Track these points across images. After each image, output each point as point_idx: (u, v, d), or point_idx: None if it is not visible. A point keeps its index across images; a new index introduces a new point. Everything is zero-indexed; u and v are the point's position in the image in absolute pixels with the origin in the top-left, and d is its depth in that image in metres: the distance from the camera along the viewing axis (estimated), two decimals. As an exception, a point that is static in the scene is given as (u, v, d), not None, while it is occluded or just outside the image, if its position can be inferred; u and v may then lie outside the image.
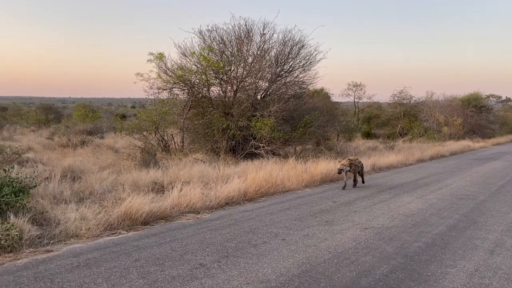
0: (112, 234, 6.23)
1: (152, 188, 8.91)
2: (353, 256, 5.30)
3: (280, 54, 16.65)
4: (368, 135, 33.61)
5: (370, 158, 15.94)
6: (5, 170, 6.26)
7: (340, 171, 10.58)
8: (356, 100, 39.14)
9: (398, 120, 35.38)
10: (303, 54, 16.96)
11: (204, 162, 12.89)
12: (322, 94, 28.21)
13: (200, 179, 9.88)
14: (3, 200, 5.70)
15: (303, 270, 4.79)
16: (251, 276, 4.59)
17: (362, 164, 11.45)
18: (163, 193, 8.43)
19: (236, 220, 7.18)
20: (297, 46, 16.76)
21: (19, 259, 5.02)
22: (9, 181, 6.08)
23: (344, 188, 10.59)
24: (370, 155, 17.35)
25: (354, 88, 38.55)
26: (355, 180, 11.00)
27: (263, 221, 7.16)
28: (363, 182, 11.36)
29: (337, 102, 30.57)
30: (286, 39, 16.61)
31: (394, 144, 23.35)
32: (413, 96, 36.30)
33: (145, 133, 16.44)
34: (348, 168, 10.58)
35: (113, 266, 4.84)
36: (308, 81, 17.68)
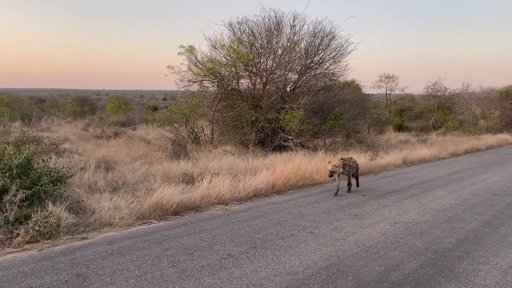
0: (144, 223, 6.42)
1: (183, 179, 9.08)
2: (382, 251, 5.25)
3: (310, 46, 16.51)
4: (400, 128, 32.86)
5: (402, 151, 15.61)
6: (43, 160, 6.53)
7: (331, 174, 8.72)
8: (388, 92, 38.37)
9: (432, 113, 34.38)
10: (333, 45, 16.75)
11: (233, 154, 13.00)
12: (353, 86, 27.76)
13: (229, 171, 9.98)
14: (42, 189, 5.96)
15: (331, 263, 4.80)
16: (279, 267, 4.64)
17: (357, 164, 9.85)
18: (193, 184, 8.59)
19: (264, 212, 7.24)
20: (328, 38, 16.57)
21: (57, 245, 5.27)
22: (47, 170, 6.34)
23: (336, 194, 8.85)
24: (401, 149, 17.00)
25: (386, 80, 37.78)
26: (349, 184, 9.30)
27: (291, 213, 7.19)
28: (357, 185, 9.71)
29: (369, 94, 29.98)
30: (317, 30, 16.45)
31: (427, 138, 22.74)
32: (448, 88, 35.14)
33: (176, 125, 16.71)
34: (342, 170, 8.88)
35: (145, 254, 5.00)
36: (338, 73, 17.47)
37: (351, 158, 9.66)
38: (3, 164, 5.91)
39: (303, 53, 16.46)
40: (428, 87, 35.26)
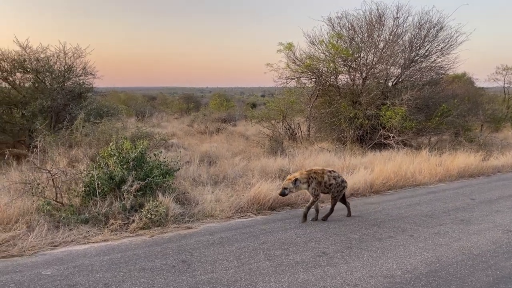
0: (242, 216, 6.73)
1: (279, 175, 9.26)
2: (491, 260, 4.83)
3: (415, 38, 15.58)
4: (520, 125, 29.32)
5: (521, 151, 14.00)
6: (155, 155, 7.17)
7: (283, 192, 6.35)
8: (506, 86, 34.42)
9: (563, 108, 30.06)
10: (441, 36, 15.59)
11: (329, 151, 12.87)
12: (463, 80, 25.50)
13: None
14: (154, 181, 6.57)
15: (432, 269, 4.56)
16: (375, 269, 4.54)
17: (342, 181, 6.69)
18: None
19: (361, 212, 7.09)
20: (435, 29, 15.47)
21: (165, 232, 5.79)
22: (158, 164, 6.96)
23: (315, 218, 6.53)
24: (520, 148, 15.25)
25: (504, 72, 33.89)
26: (316, 210, 6.60)
27: (390, 215, 6.93)
28: (328, 213, 6.62)
29: (482, 88, 27.29)
30: (422, 21, 15.45)
31: (555, 136, 20.02)
32: None
33: (273, 121, 17.05)
34: (305, 186, 6.37)
35: (243, 246, 5.25)
36: (446, 66, 16.24)
37: (331, 171, 6.73)
38: (121, 157, 6.63)
39: (406, 46, 15.61)
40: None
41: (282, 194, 6.40)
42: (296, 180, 6.28)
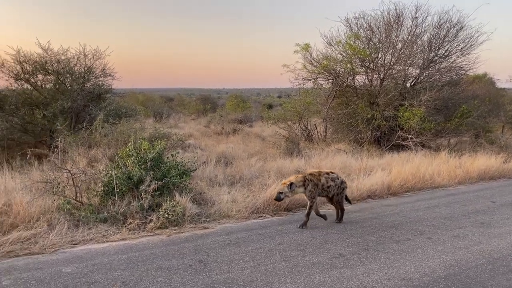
0: (258, 217, 6.74)
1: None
2: (513, 265, 4.73)
3: (434, 38, 15.33)
4: (543, 127, 28.54)
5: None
6: (172, 155, 7.25)
7: (279, 197, 6.15)
8: (528, 86, 33.66)
9: None
10: (461, 36, 15.30)
11: (346, 152, 12.78)
12: (484, 80, 25.00)
13: (342, 169, 9.86)
14: (171, 181, 6.64)
15: (451, 272, 4.49)
16: (392, 272, 4.49)
17: (342, 181, 6.61)
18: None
19: (378, 214, 7.02)
20: (455, 28, 15.19)
21: (182, 232, 5.84)
22: (175, 164, 7.02)
23: (303, 226, 6.18)
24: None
25: (527, 72, 33.14)
26: (308, 214, 6.28)
27: (408, 217, 6.85)
28: (338, 217, 6.55)
29: (504, 88, 26.69)
30: (442, 21, 15.19)
31: None
32: None
33: (289, 122, 17.03)
34: (301, 190, 6.19)
35: (259, 247, 5.27)
36: (467, 66, 15.91)
37: (329, 173, 6.58)
38: (139, 157, 6.72)
39: (425, 46, 15.38)
40: None
41: (277, 198, 6.20)
42: (291, 184, 6.09)
